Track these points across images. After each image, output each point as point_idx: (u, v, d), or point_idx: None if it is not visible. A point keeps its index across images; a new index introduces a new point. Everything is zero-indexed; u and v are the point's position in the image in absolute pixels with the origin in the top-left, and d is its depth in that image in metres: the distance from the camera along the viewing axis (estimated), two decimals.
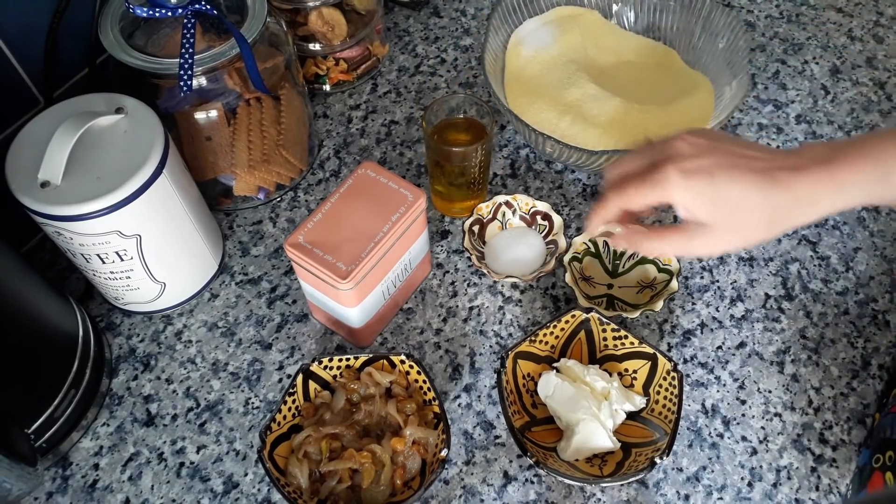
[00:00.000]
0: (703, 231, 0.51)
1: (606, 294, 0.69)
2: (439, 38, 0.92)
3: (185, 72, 0.61)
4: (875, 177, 0.48)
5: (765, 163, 0.50)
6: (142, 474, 0.61)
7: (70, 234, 0.56)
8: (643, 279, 0.69)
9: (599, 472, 0.57)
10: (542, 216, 0.72)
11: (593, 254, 0.71)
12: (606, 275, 0.71)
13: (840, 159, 0.49)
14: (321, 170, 0.80)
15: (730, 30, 0.77)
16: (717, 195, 0.49)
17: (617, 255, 0.71)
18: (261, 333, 0.68)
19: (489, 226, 0.73)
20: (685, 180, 0.49)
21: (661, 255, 0.58)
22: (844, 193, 0.49)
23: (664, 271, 0.68)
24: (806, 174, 0.49)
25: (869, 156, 0.48)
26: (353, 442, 0.58)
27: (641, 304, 0.67)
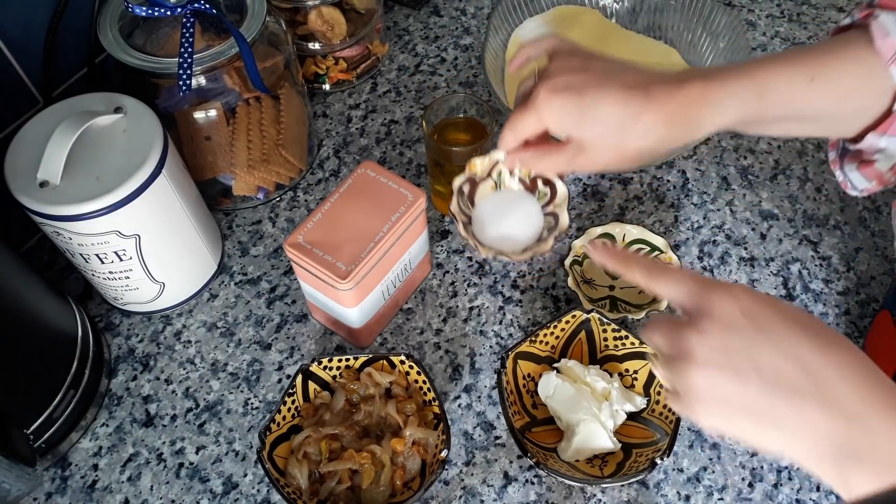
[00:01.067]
0: (580, 148, 0.50)
1: (609, 296, 0.69)
2: (439, 38, 0.92)
3: (185, 71, 0.61)
4: (750, 95, 0.47)
5: (639, 78, 0.48)
6: (141, 475, 0.61)
7: (69, 233, 0.56)
8: None
9: (600, 473, 0.57)
10: (544, 182, 0.62)
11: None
12: (607, 276, 0.70)
13: (716, 77, 0.47)
14: (321, 169, 0.80)
15: (730, 29, 0.77)
16: (586, 112, 0.48)
17: None
18: (260, 334, 0.68)
19: (482, 185, 0.62)
20: (552, 98, 0.49)
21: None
22: (720, 110, 0.47)
23: None
24: (680, 91, 0.47)
25: (744, 74, 0.47)
26: (353, 442, 0.58)
27: (644, 304, 0.67)
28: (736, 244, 0.73)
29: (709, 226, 0.75)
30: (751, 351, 0.40)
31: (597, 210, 0.76)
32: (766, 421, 0.39)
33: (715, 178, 0.78)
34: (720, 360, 0.40)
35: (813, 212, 0.75)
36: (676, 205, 0.76)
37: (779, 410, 0.39)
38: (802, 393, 0.38)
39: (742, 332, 0.40)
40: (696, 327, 0.41)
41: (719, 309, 0.41)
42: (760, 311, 0.41)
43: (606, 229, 0.69)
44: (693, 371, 0.41)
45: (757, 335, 0.40)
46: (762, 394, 0.39)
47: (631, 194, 0.77)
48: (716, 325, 0.41)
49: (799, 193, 0.77)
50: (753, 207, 0.76)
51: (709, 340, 0.41)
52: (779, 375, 0.39)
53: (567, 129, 0.50)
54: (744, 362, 0.40)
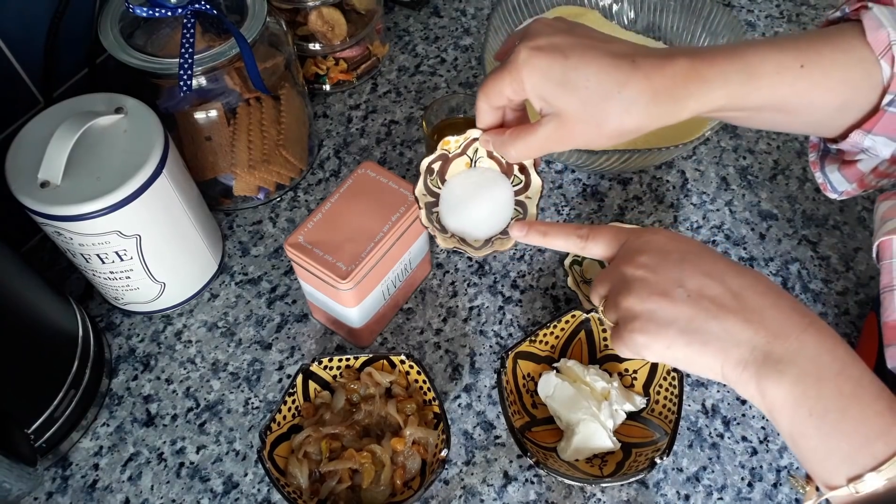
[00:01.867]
0: (558, 123, 0.47)
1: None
2: (439, 38, 0.92)
3: (185, 72, 0.61)
4: (740, 77, 0.46)
5: (626, 48, 0.46)
6: (141, 474, 0.61)
7: (70, 234, 0.56)
8: None
9: (599, 473, 0.57)
10: (520, 167, 0.55)
11: None
12: None
13: (706, 56, 0.46)
14: (321, 170, 0.80)
15: (730, 29, 0.77)
16: (569, 75, 0.45)
17: None
18: (261, 333, 0.68)
19: (454, 162, 0.55)
20: (534, 58, 0.46)
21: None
22: (707, 91, 0.46)
23: None
24: (668, 65, 0.46)
25: (734, 55, 0.46)
26: (353, 442, 0.58)
27: None
28: (735, 244, 0.73)
29: (708, 226, 0.75)
30: (678, 271, 0.44)
31: (596, 210, 0.76)
32: (694, 335, 0.42)
33: (714, 179, 0.78)
34: (650, 280, 0.44)
35: (812, 212, 0.75)
36: (676, 205, 0.77)
37: (706, 324, 0.42)
38: (727, 308, 0.42)
39: (668, 256, 0.45)
40: (627, 260, 0.46)
41: (647, 240, 0.46)
42: (683, 240, 0.46)
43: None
44: (627, 295, 0.44)
45: (682, 258, 0.44)
46: (691, 308, 0.42)
47: (630, 194, 0.77)
48: (643, 254, 0.45)
49: (798, 193, 0.77)
50: (753, 207, 0.76)
51: (638, 268, 0.45)
52: (705, 293, 0.43)
53: (546, 94, 0.47)
54: (672, 282, 0.43)
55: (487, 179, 0.55)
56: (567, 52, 0.46)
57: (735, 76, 0.46)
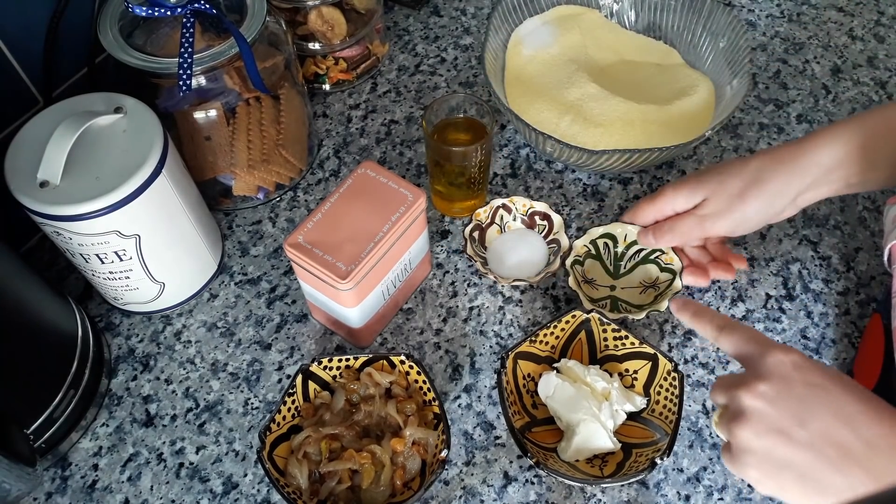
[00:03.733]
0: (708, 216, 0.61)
1: (610, 296, 0.69)
2: (439, 38, 0.92)
3: (185, 71, 0.61)
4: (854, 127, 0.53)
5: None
6: (141, 475, 0.61)
7: (69, 233, 0.56)
8: (646, 279, 0.69)
9: (600, 473, 0.57)
10: (541, 216, 0.71)
11: (594, 255, 0.70)
12: (608, 276, 0.70)
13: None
14: (321, 169, 0.80)
15: (730, 29, 0.77)
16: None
17: (618, 256, 0.70)
18: (260, 334, 0.68)
19: (488, 230, 0.72)
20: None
21: (670, 244, 0.64)
22: (827, 139, 0.55)
23: (667, 270, 0.68)
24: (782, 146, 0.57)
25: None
26: (353, 442, 0.58)
27: (645, 304, 0.67)
28: (736, 244, 0.73)
29: None
30: (801, 407, 0.40)
31: (596, 210, 0.76)
32: (811, 483, 0.39)
33: None
34: (769, 415, 0.41)
35: (813, 212, 0.75)
36: None
37: (825, 472, 0.39)
38: (852, 458, 0.38)
39: (792, 387, 0.41)
40: (747, 385, 0.43)
41: (772, 365, 0.43)
42: (811, 367, 0.42)
43: (608, 229, 0.69)
44: (744, 427, 0.42)
45: (808, 391, 0.41)
46: (810, 454, 0.39)
47: (631, 194, 0.77)
48: (766, 381, 0.42)
49: None
50: None
51: (759, 397, 0.42)
52: (828, 436, 0.39)
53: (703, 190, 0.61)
54: (793, 419, 0.40)
55: (520, 235, 0.72)
56: (698, 171, 0.63)
57: (843, 130, 0.54)
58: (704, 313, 0.51)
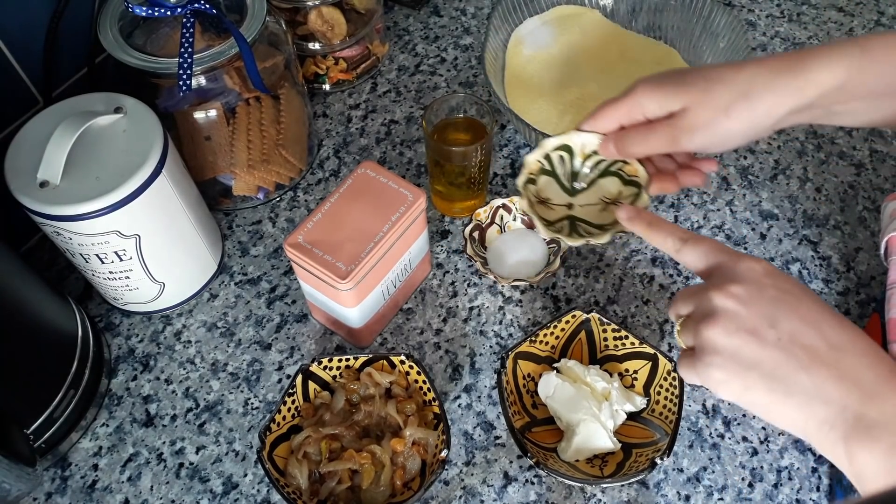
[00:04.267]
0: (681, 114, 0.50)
1: (568, 216, 0.60)
2: (439, 38, 0.92)
3: (185, 71, 0.61)
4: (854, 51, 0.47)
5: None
6: (141, 475, 0.61)
7: (69, 233, 0.56)
8: (606, 195, 0.59)
9: (600, 473, 0.57)
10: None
11: (548, 171, 0.60)
12: (565, 193, 0.61)
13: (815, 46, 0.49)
14: (321, 169, 0.80)
15: (730, 29, 0.77)
16: (685, 77, 0.50)
17: (574, 172, 0.60)
18: (260, 334, 0.68)
19: (488, 230, 0.72)
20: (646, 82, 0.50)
21: (640, 154, 0.54)
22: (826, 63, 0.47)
23: (630, 183, 0.58)
24: (778, 55, 0.49)
25: (842, 40, 0.49)
26: (353, 442, 0.58)
27: (607, 223, 0.58)
28: (736, 244, 0.73)
29: (709, 226, 0.75)
30: (772, 309, 0.41)
31: None
32: (778, 383, 0.39)
33: (715, 178, 0.78)
34: (741, 315, 0.41)
35: (813, 212, 0.75)
36: (676, 205, 0.76)
37: (794, 374, 0.39)
38: (821, 361, 0.39)
39: (764, 290, 0.41)
40: (719, 287, 0.42)
41: (744, 270, 0.43)
42: (781, 275, 0.43)
43: (564, 140, 0.58)
44: (713, 326, 0.41)
45: (779, 295, 0.41)
46: (780, 353, 0.39)
47: None
48: (738, 284, 0.42)
49: (799, 193, 0.77)
50: (753, 207, 0.76)
51: (731, 297, 0.41)
52: (798, 340, 0.39)
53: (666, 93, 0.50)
54: (764, 320, 0.40)
55: (520, 235, 0.72)
56: (678, 69, 0.50)
57: (850, 49, 0.47)
58: (662, 225, 0.48)
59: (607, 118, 0.54)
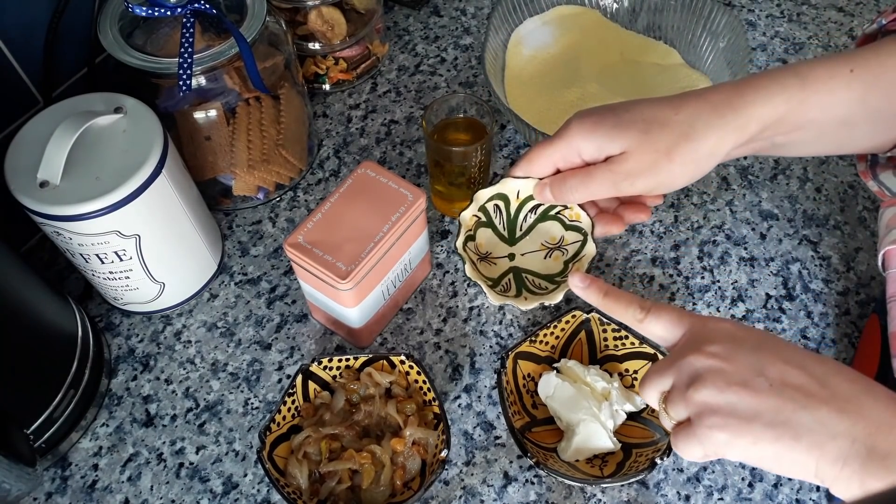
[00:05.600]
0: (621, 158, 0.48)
1: (511, 267, 0.58)
2: (439, 38, 0.92)
3: (185, 71, 0.61)
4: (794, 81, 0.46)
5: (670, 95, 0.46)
6: (141, 475, 0.61)
7: (69, 233, 0.56)
8: (549, 240, 0.58)
9: (600, 473, 0.57)
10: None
11: (485, 223, 0.58)
12: (504, 243, 0.59)
13: (754, 75, 0.47)
14: (321, 169, 0.80)
15: (730, 29, 0.77)
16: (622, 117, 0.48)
17: (512, 218, 0.58)
18: (260, 334, 0.68)
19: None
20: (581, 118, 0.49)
21: (580, 199, 0.51)
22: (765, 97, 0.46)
23: (572, 228, 0.56)
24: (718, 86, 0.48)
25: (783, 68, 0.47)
26: (353, 442, 0.58)
27: (555, 274, 0.57)
28: (736, 244, 0.73)
29: (709, 226, 0.75)
30: (755, 358, 0.40)
31: None
32: (783, 429, 0.38)
33: (715, 178, 0.78)
34: (727, 370, 0.40)
35: (813, 212, 0.75)
36: (676, 205, 0.76)
37: (795, 415, 0.38)
38: (817, 397, 0.38)
39: (741, 343, 0.41)
40: (695, 350, 0.42)
41: (714, 330, 0.42)
42: (751, 329, 0.43)
43: (498, 189, 0.56)
44: (702, 388, 0.40)
45: (757, 345, 0.41)
46: (776, 398, 0.39)
47: None
48: (714, 343, 0.41)
49: (799, 193, 0.77)
50: (753, 207, 0.76)
51: (711, 357, 0.41)
52: (789, 381, 0.39)
53: (602, 138, 0.48)
54: (750, 370, 0.40)
55: None
56: (614, 106, 0.48)
57: (790, 80, 0.46)
58: (619, 295, 0.46)
59: (542, 162, 0.51)
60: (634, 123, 0.47)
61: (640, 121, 0.47)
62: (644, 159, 0.47)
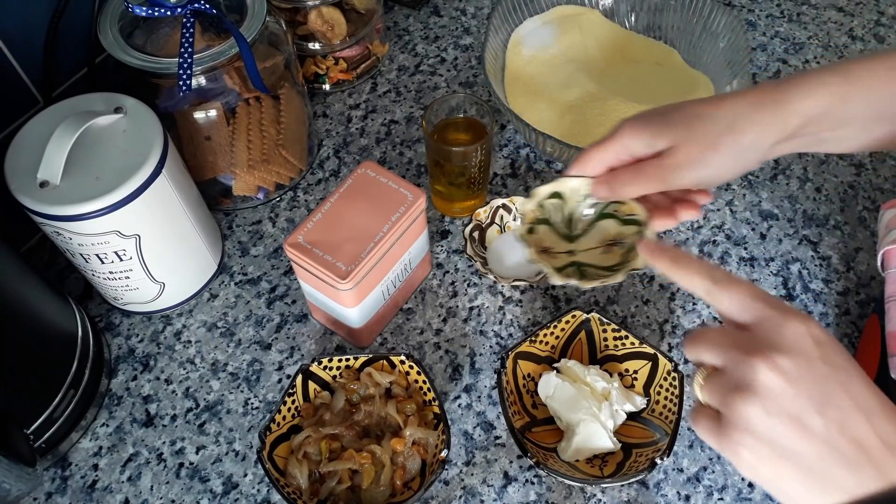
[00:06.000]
0: (669, 152, 0.50)
1: (571, 262, 0.58)
2: (439, 38, 0.92)
3: (185, 71, 0.61)
4: (835, 79, 0.48)
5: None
6: (141, 475, 0.61)
7: (69, 233, 0.56)
8: (605, 238, 0.58)
9: (600, 473, 0.57)
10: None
11: (545, 220, 0.59)
12: (564, 241, 0.59)
13: (793, 74, 0.49)
14: (321, 169, 0.80)
15: (730, 29, 0.77)
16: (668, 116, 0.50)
17: (570, 218, 0.59)
18: (260, 334, 0.68)
19: (488, 230, 0.72)
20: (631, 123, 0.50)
21: (634, 193, 0.52)
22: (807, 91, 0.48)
23: (629, 223, 0.57)
24: (757, 85, 0.49)
25: (822, 67, 0.49)
26: (353, 442, 0.58)
27: (617, 264, 0.56)
28: (736, 244, 0.73)
29: (709, 226, 0.75)
30: (821, 390, 0.36)
31: None
32: (815, 479, 0.35)
33: None
34: (786, 395, 0.36)
35: (813, 212, 0.75)
36: None
37: (836, 470, 0.35)
38: (867, 456, 0.35)
39: (813, 366, 0.37)
40: (763, 355, 0.37)
41: (792, 335, 0.38)
42: (831, 343, 0.38)
43: (555, 187, 0.57)
44: (752, 404, 0.37)
45: (829, 372, 0.37)
46: (823, 447, 0.35)
47: None
48: (786, 355, 0.37)
49: (799, 193, 0.77)
50: (753, 207, 0.76)
51: (777, 372, 0.37)
52: (847, 430, 0.36)
53: (652, 133, 0.50)
54: (811, 404, 0.36)
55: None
56: (661, 108, 0.50)
57: (830, 78, 0.47)
58: (689, 261, 0.42)
59: (595, 161, 0.53)
60: (680, 120, 0.50)
61: (685, 117, 0.50)
62: (690, 152, 0.49)
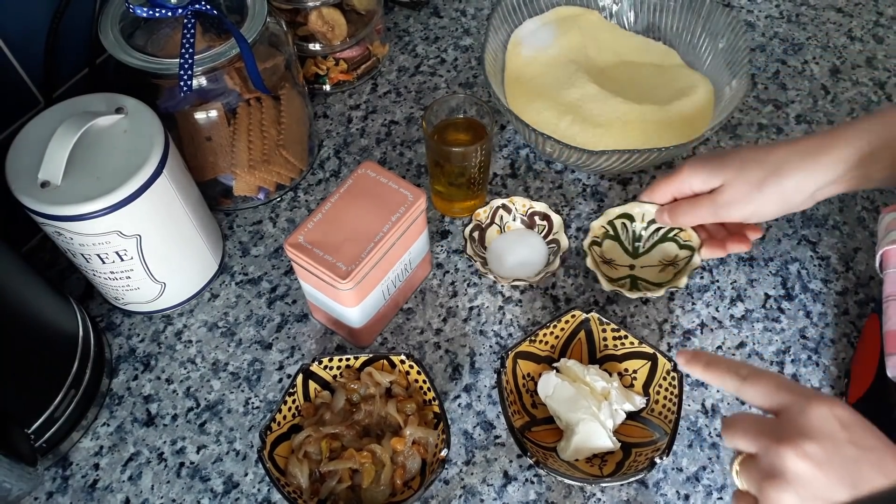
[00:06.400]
0: (720, 190, 0.59)
1: (629, 275, 0.69)
2: (439, 38, 0.92)
3: (185, 72, 0.61)
4: (876, 122, 0.54)
5: None
6: (142, 474, 0.61)
7: (70, 234, 0.56)
8: (665, 258, 0.69)
9: (599, 472, 0.57)
10: (540, 216, 0.72)
11: (612, 236, 0.70)
12: (628, 256, 0.70)
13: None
14: (321, 170, 0.80)
15: (730, 30, 0.77)
16: (725, 156, 0.60)
17: (637, 236, 0.70)
18: (261, 333, 0.68)
19: (488, 230, 0.72)
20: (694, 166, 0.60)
21: (688, 224, 0.64)
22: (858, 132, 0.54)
23: (685, 247, 0.67)
24: (805, 135, 0.57)
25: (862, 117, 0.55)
26: (353, 442, 0.58)
27: (665, 282, 0.67)
28: None
29: None
30: (850, 474, 0.38)
31: (595, 210, 0.76)
32: None
33: None
34: (816, 481, 0.38)
35: (812, 212, 0.76)
36: None
37: None
38: None
39: (841, 448, 0.38)
40: (791, 442, 0.39)
41: (817, 420, 0.39)
42: (859, 424, 0.40)
43: (626, 209, 0.69)
44: (783, 491, 0.39)
45: (858, 454, 0.38)
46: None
47: (630, 194, 0.77)
48: (813, 441, 0.39)
49: None
50: None
51: (805, 458, 0.38)
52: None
53: (707, 171, 0.60)
54: (842, 486, 0.38)
55: (519, 236, 0.72)
56: (720, 151, 0.59)
57: (872, 124, 0.54)
58: (719, 363, 0.46)
59: (661, 191, 0.64)
60: (733, 161, 0.58)
61: (738, 159, 0.58)
62: (739, 190, 0.58)
